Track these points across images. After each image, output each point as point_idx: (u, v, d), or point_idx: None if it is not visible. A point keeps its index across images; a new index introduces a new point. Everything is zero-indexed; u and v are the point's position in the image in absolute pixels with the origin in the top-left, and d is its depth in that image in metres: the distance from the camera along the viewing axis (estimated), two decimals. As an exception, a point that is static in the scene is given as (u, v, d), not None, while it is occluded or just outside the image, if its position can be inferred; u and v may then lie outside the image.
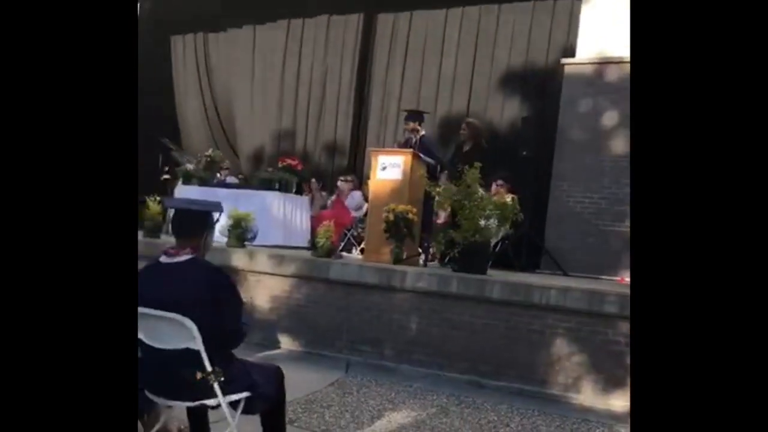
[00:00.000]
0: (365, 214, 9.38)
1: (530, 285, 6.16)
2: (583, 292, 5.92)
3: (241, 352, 3.45)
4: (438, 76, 11.78)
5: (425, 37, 11.98)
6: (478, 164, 6.74)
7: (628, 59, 8.87)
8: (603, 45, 9.16)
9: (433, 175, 8.03)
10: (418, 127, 8.57)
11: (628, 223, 8.65)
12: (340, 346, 6.77)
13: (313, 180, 11.83)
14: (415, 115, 8.82)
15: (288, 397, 3.64)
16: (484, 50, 11.32)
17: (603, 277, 8.52)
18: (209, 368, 3.09)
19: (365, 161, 11.65)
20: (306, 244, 8.76)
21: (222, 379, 3.12)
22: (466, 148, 8.78)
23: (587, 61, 9.28)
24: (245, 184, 11.22)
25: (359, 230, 10.00)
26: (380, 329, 6.61)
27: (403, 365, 6.42)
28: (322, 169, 12.69)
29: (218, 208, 3.49)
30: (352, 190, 10.95)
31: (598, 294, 5.86)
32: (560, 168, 9.36)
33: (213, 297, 3.16)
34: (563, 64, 9.57)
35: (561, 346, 5.93)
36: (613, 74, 9.05)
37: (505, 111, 11.00)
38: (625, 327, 5.66)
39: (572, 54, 9.59)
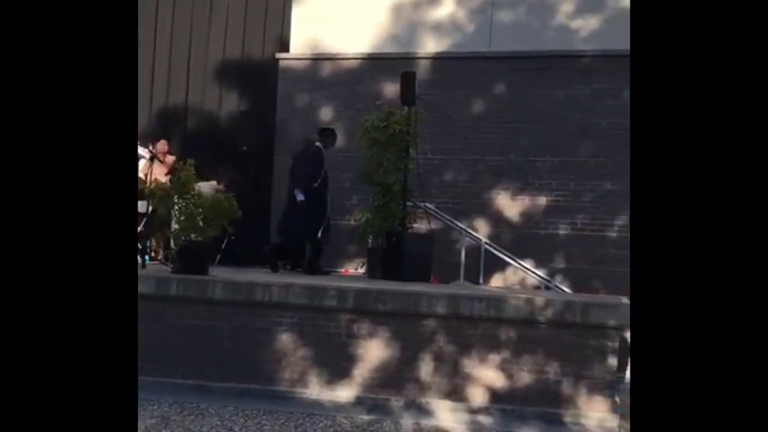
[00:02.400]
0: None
1: (253, 283, 6.12)
2: (303, 287, 6.00)
3: None
4: (152, 67, 11.23)
5: (139, 26, 11.35)
6: (192, 161, 6.54)
7: (341, 56, 9.16)
8: (316, 41, 9.34)
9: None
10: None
11: (348, 216, 8.94)
12: (49, 363, 6.21)
13: None
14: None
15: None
16: (199, 41, 10.97)
17: (333, 270, 8.73)
18: None
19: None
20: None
21: None
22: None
23: (301, 56, 9.41)
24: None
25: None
26: (95, 340, 6.17)
27: (123, 376, 6.05)
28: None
29: None
30: None
31: (319, 289, 5.97)
32: (281, 163, 9.40)
33: None
34: (278, 59, 9.61)
35: (286, 342, 5.96)
36: (326, 70, 9.27)
37: (224, 104, 10.76)
38: (344, 318, 5.83)
39: (286, 49, 9.65)
